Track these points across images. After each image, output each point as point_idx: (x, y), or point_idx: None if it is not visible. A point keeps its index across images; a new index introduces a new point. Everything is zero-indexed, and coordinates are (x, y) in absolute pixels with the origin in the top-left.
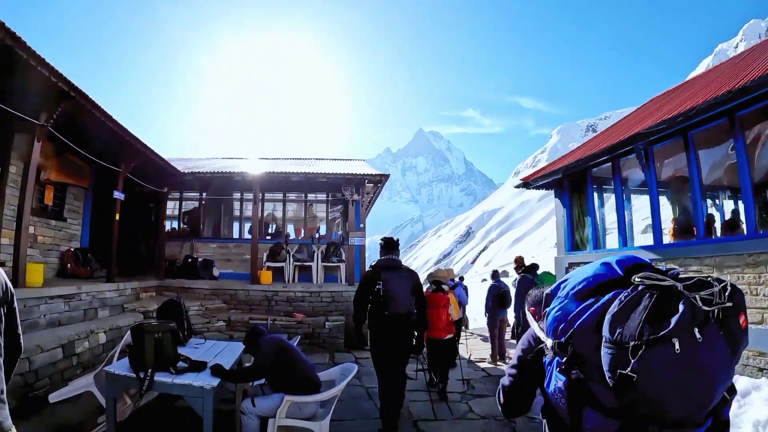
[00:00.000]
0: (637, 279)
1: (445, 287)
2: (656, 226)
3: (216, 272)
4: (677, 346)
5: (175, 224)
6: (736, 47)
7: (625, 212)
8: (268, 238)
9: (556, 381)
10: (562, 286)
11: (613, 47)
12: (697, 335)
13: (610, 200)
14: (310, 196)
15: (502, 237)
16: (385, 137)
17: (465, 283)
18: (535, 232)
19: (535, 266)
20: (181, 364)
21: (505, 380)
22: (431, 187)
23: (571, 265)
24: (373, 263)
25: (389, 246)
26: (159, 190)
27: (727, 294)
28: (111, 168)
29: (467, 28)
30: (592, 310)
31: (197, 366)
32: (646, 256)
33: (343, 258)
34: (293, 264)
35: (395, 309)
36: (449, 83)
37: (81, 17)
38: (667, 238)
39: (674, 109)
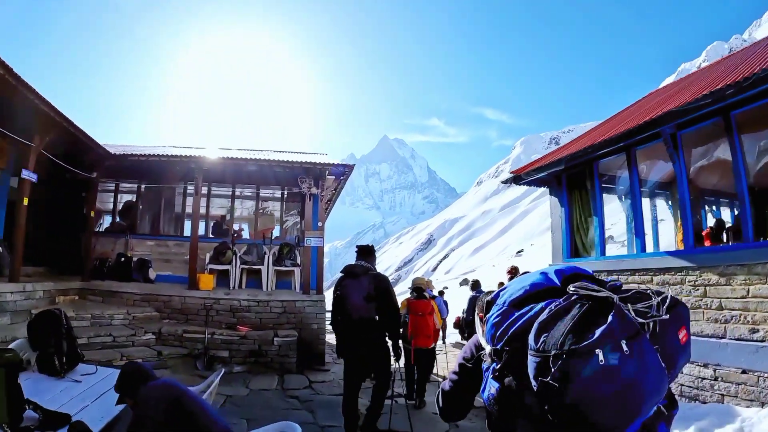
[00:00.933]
0: (571, 288)
1: (426, 294)
2: (688, 229)
3: (152, 274)
4: (601, 358)
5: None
6: (699, 67)
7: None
8: (212, 236)
9: (490, 387)
10: (501, 293)
11: (577, 63)
12: (624, 348)
13: (614, 199)
14: (266, 192)
15: (464, 245)
16: (350, 142)
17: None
18: (496, 240)
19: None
20: (29, 415)
21: (446, 384)
22: (394, 194)
23: None
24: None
25: (360, 252)
26: (88, 175)
27: (665, 307)
28: (24, 143)
29: (434, 38)
30: (524, 318)
31: (52, 421)
32: (676, 263)
33: (299, 262)
34: (240, 267)
35: (349, 315)
36: (414, 91)
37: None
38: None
39: (712, 86)
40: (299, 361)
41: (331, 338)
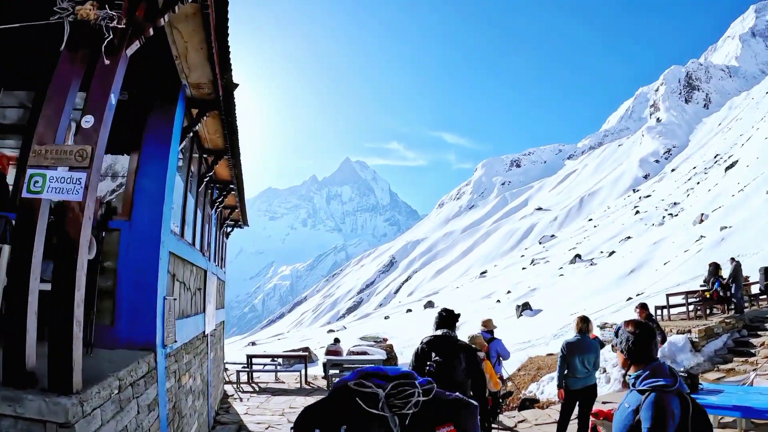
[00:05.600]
0: (352, 385)
1: (481, 354)
2: None
3: None
4: None
5: None
6: (657, 90)
7: None
8: None
9: None
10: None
11: (536, 86)
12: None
13: None
14: None
15: (426, 267)
16: (312, 165)
17: (389, 312)
18: (459, 262)
19: None
20: None
21: None
22: (355, 217)
23: None
24: (424, 339)
25: (447, 319)
26: None
27: (421, 401)
28: None
29: (391, 62)
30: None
31: None
32: None
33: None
34: None
35: None
36: (373, 115)
37: None
38: None
39: None
40: None
41: None
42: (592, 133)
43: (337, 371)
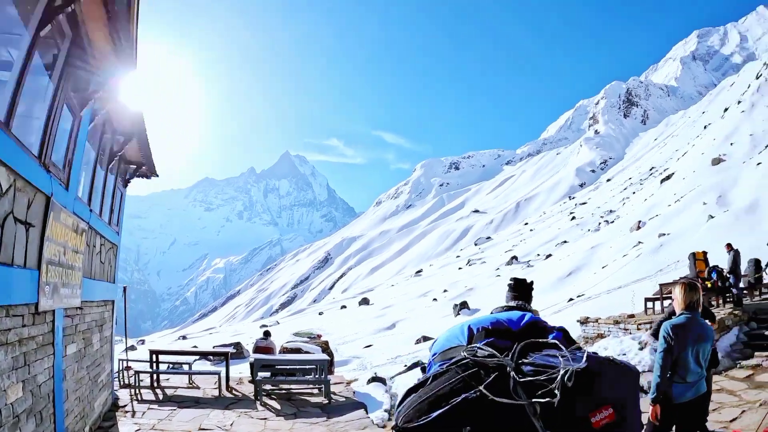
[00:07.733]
0: (465, 353)
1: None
2: None
3: None
4: None
5: None
6: (597, 104)
7: None
8: None
9: None
10: (431, 346)
11: (478, 92)
12: None
13: None
14: None
15: (361, 264)
16: (251, 157)
17: (323, 308)
18: (394, 261)
19: None
20: None
21: None
22: (292, 211)
23: None
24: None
25: (517, 288)
26: None
27: (570, 382)
28: None
29: (331, 59)
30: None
31: None
32: None
33: None
34: None
35: None
36: (313, 111)
37: None
38: None
39: None
40: None
41: None
42: (532, 140)
43: (268, 374)
